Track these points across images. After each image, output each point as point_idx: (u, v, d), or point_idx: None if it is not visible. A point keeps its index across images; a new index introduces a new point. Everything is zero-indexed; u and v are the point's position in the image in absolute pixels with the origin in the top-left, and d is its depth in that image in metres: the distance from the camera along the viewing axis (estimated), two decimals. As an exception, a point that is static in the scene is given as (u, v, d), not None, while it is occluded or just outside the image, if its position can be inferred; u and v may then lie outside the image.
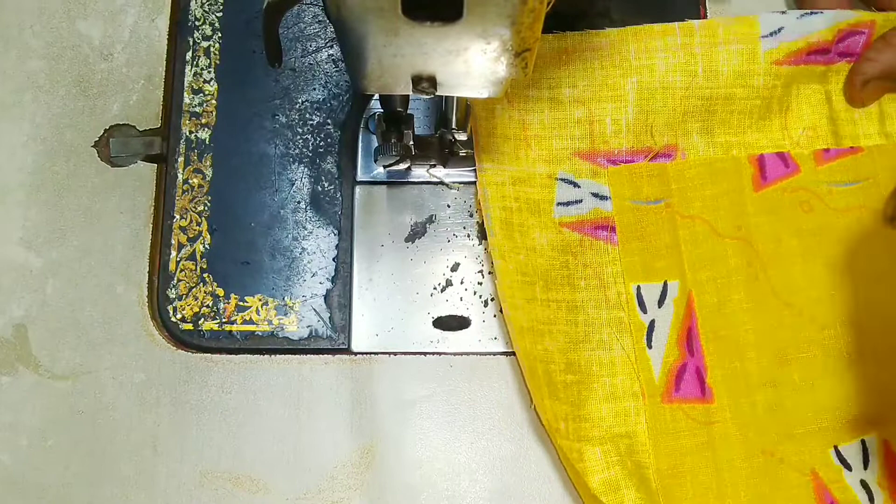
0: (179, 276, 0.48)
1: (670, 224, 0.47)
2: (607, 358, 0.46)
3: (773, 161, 0.48)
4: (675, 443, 0.45)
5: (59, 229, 0.49)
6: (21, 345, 0.47)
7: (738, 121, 0.48)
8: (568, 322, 0.46)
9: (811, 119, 0.49)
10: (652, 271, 0.47)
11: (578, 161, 0.48)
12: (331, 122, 0.51)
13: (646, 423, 0.45)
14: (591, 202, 0.48)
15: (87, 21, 0.52)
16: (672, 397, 0.45)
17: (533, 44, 0.33)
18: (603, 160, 0.48)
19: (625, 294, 0.46)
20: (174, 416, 0.47)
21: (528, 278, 0.46)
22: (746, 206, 0.47)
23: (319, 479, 0.46)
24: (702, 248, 0.47)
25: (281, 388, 0.47)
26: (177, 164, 0.50)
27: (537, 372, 0.44)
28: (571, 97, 0.48)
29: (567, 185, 0.48)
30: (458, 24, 0.31)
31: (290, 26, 0.52)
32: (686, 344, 0.46)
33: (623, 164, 0.48)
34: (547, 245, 0.47)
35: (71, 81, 0.51)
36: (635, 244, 0.47)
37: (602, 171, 0.48)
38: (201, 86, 0.51)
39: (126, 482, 0.46)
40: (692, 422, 0.45)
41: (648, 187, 0.48)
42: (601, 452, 0.43)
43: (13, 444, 0.46)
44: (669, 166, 0.48)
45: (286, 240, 0.49)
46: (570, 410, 0.44)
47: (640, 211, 0.48)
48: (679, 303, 0.46)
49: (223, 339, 0.48)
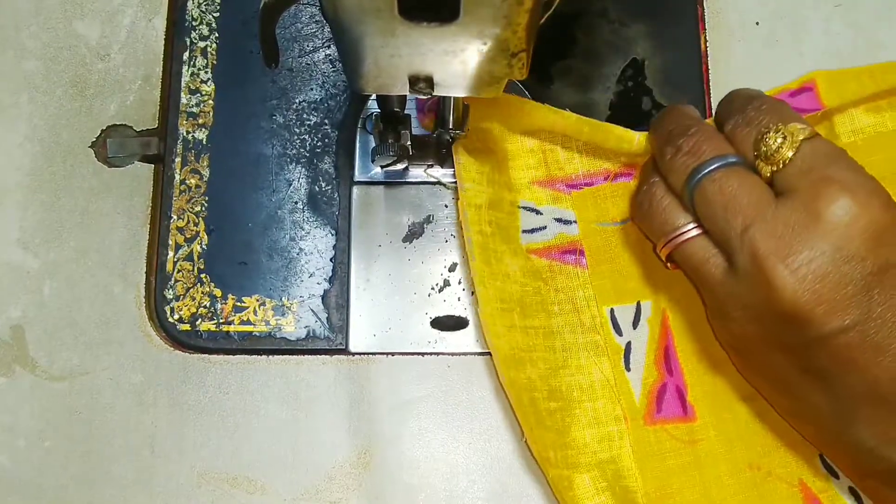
0: (177, 277, 0.48)
1: (639, 244, 0.47)
2: (587, 382, 0.45)
3: None
4: (662, 464, 0.44)
5: (56, 230, 0.49)
6: (18, 346, 0.47)
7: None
8: (546, 348, 0.45)
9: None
10: (624, 293, 0.46)
11: (537, 189, 0.48)
12: (328, 122, 0.51)
13: (630, 446, 0.44)
14: (555, 227, 0.47)
15: (84, 21, 0.52)
16: (655, 418, 0.45)
17: (529, 44, 0.33)
18: (562, 185, 0.48)
19: (599, 317, 0.46)
20: (172, 416, 0.47)
21: (506, 305, 0.45)
22: None
23: (317, 480, 0.46)
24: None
25: (278, 388, 0.47)
26: (174, 165, 0.50)
27: (523, 401, 0.44)
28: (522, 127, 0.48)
29: (529, 212, 0.47)
30: (455, 25, 0.31)
31: (287, 26, 0.52)
32: (664, 363, 0.45)
33: (584, 186, 0.48)
34: (519, 271, 0.46)
35: (68, 82, 0.51)
36: (605, 266, 0.47)
37: (563, 197, 0.48)
38: (198, 86, 0.51)
39: (124, 483, 0.46)
40: (677, 442, 0.45)
41: (613, 208, 0.47)
42: (589, 479, 0.43)
43: (10, 445, 0.46)
44: (633, 185, 0.47)
45: (283, 240, 0.49)
46: (557, 438, 0.44)
47: (607, 233, 0.47)
48: (653, 322, 0.46)
49: (220, 340, 0.48)
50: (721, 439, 0.45)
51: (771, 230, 0.37)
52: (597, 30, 0.51)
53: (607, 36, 0.49)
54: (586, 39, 0.48)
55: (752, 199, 0.38)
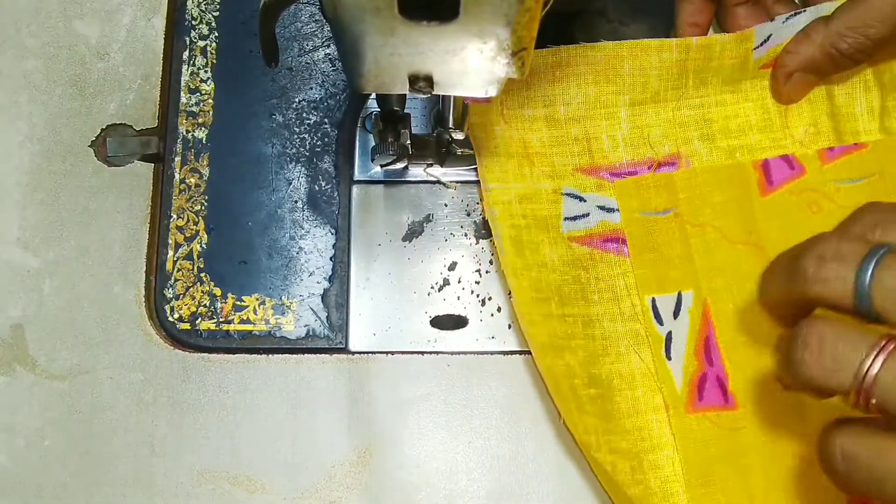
0: (176, 276, 0.48)
1: (681, 234, 0.47)
2: (627, 371, 0.45)
3: (777, 165, 0.48)
4: (705, 451, 0.44)
5: (56, 229, 0.49)
6: (18, 345, 0.47)
7: (737, 125, 0.48)
8: (585, 336, 0.46)
9: (811, 116, 0.48)
10: (665, 282, 0.46)
11: (581, 176, 0.48)
12: (328, 121, 0.51)
13: (672, 434, 0.44)
14: (597, 215, 0.47)
15: (84, 20, 0.52)
16: (696, 406, 0.45)
17: (529, 43, 0.33)
18: (606, 174, 0.48)
19: (640, 306, 0.46)
20: (172, 415, 0.47)
21: (543, 294, 0.46)
22: (755, 212, 0.47)
23: (317, 479, 0.46)
24: (714, 255, 0.47)
25: (278, 387, 0.47)
26: (174, 164, 0.50)
27: (562, 388, 0.44)
28: (567, 115, 0.48)
29: (573, 199, 0.48)
30: (455, 24, 0.31)
31: (287, 25, 0.52)
32: (705, 354, 0.45)
33: (627, 175, 0.48)
34: (558, 260, 0.47)
35: (67, 81, 0.51)
36: (647, 255, 0.47)
37: (607, 185, 0.48)
38: (198, 85, 0.51)
39: (123, 482, 0.46)
40: (719, 429, 0.44)
41: (656, 198, 0.48)
42: (630, 468, 0.43)
43: (10, 444, 0.46)
44: (676, 176, 0.48)
45: (283, 239, 0.49)
46: (599, 423, 0.44)
47: (649, 222, 0.47)
48: (694, 313, 0.46)
49: (220, 339, 0.48)
50: (763, 428, 0.44)
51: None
52: (596, 29, 0.51)
53: (606, 35, 0.49)
54: (585, 38, 0.48)
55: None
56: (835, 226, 0.46)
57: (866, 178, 0.48)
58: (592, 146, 0.48)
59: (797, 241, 0.46)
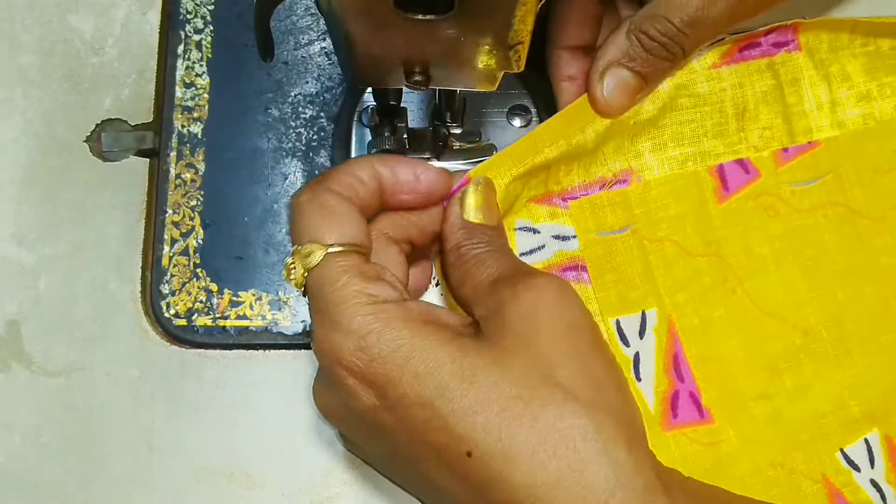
0: (173, 272, 0.48)
1: (640, 251, 0.46)
2: None
3: (732, 169, 0.47)
4: (684, 468, 0.44)
5: (51, 225, 0.49)
6: (14, 341, 0.47)
7: (691, 131, 0.47)
8: None
9: (766, 118, 0.47)
10: (628, 302, 0.46)
11: (533, 206, 0.46)
12: (324, 115, 0.51)
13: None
14: (553, 245, 0.46)
15: (79, 15, 0.52)
16: (672, 424, 0.44)
17: (525, 37, 0.33)
18: (558, 200, 0.47)
19: (605, 332, 0.45)
20: (168, 411, 0.46)
21: None
22: (712, 221, 0.46)
23: (314, 475, 0.46)
24: (675, 270, 0.46)
25: (275, 383, 0.47)
26: (169, 159, 0.49)
27: None
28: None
29: (526, 232, 0.46)
30: (450, 17, 0.31)
31: (283, 19, 0.52)
32: (674, 371, 0.45)
33: (581, 196, 0.47)
34: None
35: (62, 76, 0.51)
36: (608, 277, 0.46)
37: (560, 212, 0.46)
38: (193, 80, 0.51)
39: (121, 478, 0.46)
40: (697, 445, 0.44)
41: (612, 216, 0.46)
42: None
43: (6, 441, 0.46)
44: (630, 191, 0.47)
45: (280, 234, 0.49)
46: None
47: (607, 242, 0.46)
48: (660, 331, 0.45)
49: (217, 335, 0.47)
50: (741, 440, 0.44)
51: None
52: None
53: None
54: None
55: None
56: (793, 230, 0.45)
57: (820, 179, 0.47)
58: (550, 176, 0.46)
59: (756, 248, 0.46)
